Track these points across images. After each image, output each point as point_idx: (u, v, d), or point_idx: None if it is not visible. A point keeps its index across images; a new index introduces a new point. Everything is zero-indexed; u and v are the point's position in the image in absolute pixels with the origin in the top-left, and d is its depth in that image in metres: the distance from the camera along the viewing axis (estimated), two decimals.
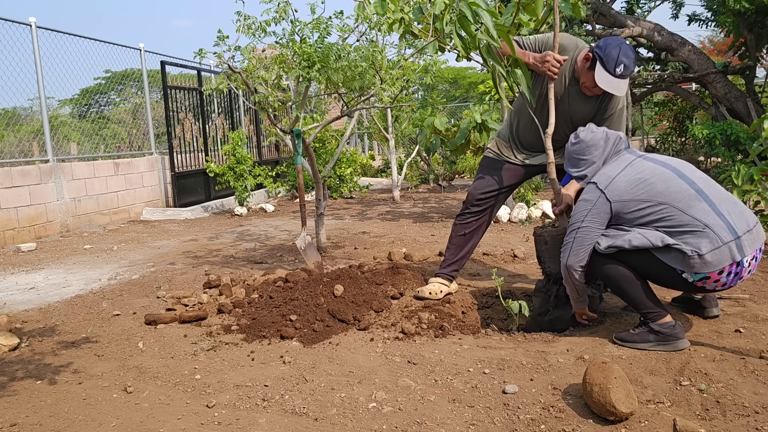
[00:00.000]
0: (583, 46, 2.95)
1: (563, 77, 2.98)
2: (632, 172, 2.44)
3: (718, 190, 2.37)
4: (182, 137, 8.87)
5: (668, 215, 2.30)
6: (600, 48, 2.75)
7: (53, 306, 3.66)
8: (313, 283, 3.31)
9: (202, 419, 2.03)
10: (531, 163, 3.22)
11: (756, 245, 2.28)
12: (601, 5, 10.27)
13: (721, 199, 2.32)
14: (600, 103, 2.96)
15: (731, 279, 2.28)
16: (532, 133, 3.12)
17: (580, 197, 2.56)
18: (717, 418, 1.84)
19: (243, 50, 3.98)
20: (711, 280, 2.27)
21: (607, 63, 2.72)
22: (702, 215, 2.26)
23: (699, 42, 20.90)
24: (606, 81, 2.75)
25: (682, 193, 2.32)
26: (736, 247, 2.23)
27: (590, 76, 2.81)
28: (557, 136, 3.06)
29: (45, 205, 6.66)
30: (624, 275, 2.40)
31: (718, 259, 2.22)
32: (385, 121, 9.50)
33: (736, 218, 2.27)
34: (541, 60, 2.90)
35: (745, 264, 2.27)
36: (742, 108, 9.56)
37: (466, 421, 1.92)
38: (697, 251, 2.22)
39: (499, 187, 3.25)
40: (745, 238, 2.25)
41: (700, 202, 2.29)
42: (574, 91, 2.97)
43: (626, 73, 2.74)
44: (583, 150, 2.58)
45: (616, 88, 2.77)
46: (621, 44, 2.74)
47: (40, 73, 6.86)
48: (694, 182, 2.36)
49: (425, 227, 6.21)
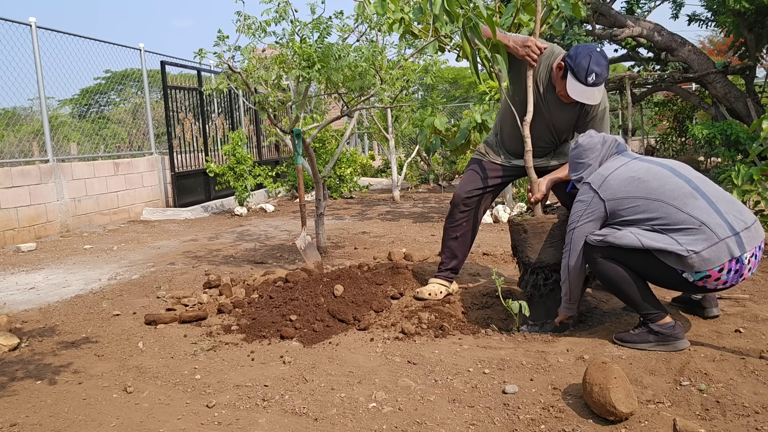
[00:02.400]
0: (559, 53, 2.92)
1: (540, 85, 2.96)
2: (626, 171, 2.46)
3: (714, 189, 2.37)
4: (182, 137, 8.87)
5: (664, 213, 2.30)
6: (571, 57, 2.73)
7: (53, 306, 3.66)
8: (313, 283, 3.31)
9: (202, 419, 2.03)
10: (516, 164, 3.23)
11: (755, 243, 2.28)
12: (601, 5, 10.27)
13: (718, 197, 2.32)
14: (580, 108, 2.95)
15: (732, 277, 2.27)
16: (516, 139, 3.12)
17: (576, 198, 2.57)
18: (717, 418, 1.84)
19: (243, 50, 3.99)
20: (712, 278, 2.26)
21: (578, 73, 2.70)
22: (698, 213, 2.26)
23: (699, 42, 20.90)
24: (579, 91, 2.72)
25: (678, 191, 2.32)
26: (734, 244, 2.22)
27: (564, 85, 2.79)
28: (541, 142, 3.08)
29: (45, 205, 6.66)
30: (623, 277, 2.40)
31: (716, 255, 2.21)
32: (385, 121, 9.50)
33: (733, 216, 2.27)
34: (522, 44, 2.86)
35: (744, 261, 2.26)
36: (742, 108, 9.57)
37: (466, 421, 1.92)
38: (693, 250, 2.22)
39: (484, 186, 3.26)
40: (743, 234, 2.24)
41: (697, 199, 2.29)
42: (552, 98, 2.96)
43: (599, 81, 2.72)
44: (581, 154, 2.62)
45: (589, 98, 2.74)
46: (592, 52, 2.71)
47: (40, 73, 6.86)
48: (690, 180, 2.36)
49: (425, 227, 6.21)
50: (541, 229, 2.78)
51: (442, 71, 18.94)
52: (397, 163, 10.07)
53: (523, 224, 2.83)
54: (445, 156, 11.03)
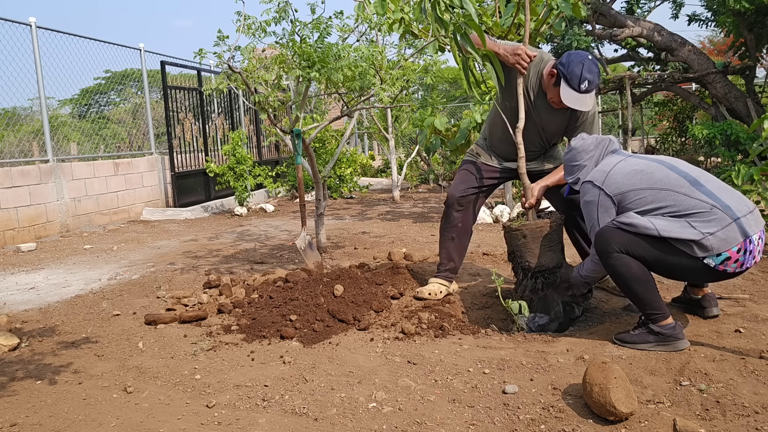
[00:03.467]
0: (548, 59, 2.96)
1: (530, 91, 3.00)
2: (626, 165, 2.48)
3: (713, 180, 2.42)
4: (182, 137, 8.87)
5: (672, 201, 2.32)
6: (563, 65, 2.77)
7: (53, 306, 3.66)
8: (313, 283, 3.31)
9: (202, 419, 2.03)
10: (508, 167, 3.26)
11: (759, 227, 2.33)
12: (601, 5, 10.27)
13: (717, 187, 2.37)
14: (570, 113, 2.99)
15: (747, 258, 2.30)
16: (506, 144, 3.15)
17: (583, 200, 2.57)
18: (717, 418, 1.84)
19: (243, 50, 3.98)
20: (732, 260, 2.27)
21: (571, 80, 2.75)
22: (706, 197, 2.30)
23: (699, 42, 20.90)
24: (572, 98, 2.78)
25: (681, 180, 2.36)
26: (746, 223, 2.26)
27: (556, 92, 2.83)
28: (532, 147, 3.11)
29: (45, 205, 6.66)
30: (634, 274, 2.37)
31: (732, 235, 2.24)
32: (385, 121, 9.50)
33: (735, 202, 2.31)
34: (512, 52, 2.89)
35: (755, 241, 2.30)
36: (742, 108, 9.56)
37: (466, 421, 1.92)
38: (708, 232, 2.24)
39: (478, 186, 3.28)
40: (748, 217, 2.29)
41: (701, 186, 2.34)
42: (543, 104, 3.00)
43: (591, 88, 2.77)
44: (575, 157, 2.64)
45: (582, 104, 2.80)
46: (584, 60, 2.75)
47: (40, 73, 6.86)
48: (688, 173, 2.40)
49: (425, 227, 6.21)
50: (539, 233, 2.79)
51: (442, 71, 18.94)
52: (397, 163, 10.07)
53: (522, 229, 2.84)
54: (445, 156, 11.03)
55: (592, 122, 3.01)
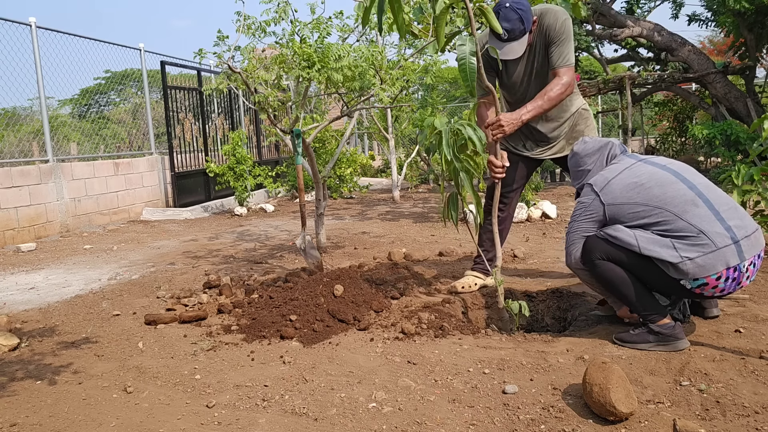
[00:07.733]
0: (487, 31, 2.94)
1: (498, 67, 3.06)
2: (629, 175, 2.45)
3: (718, 195, 2.37)
4: (182, 137, 8.87)
5: (664, 219, 2.31)
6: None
7: (53, 306, 3.66)
8: (313, 283, 3.31)
9: (202, 419, 2.03)
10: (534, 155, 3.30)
11: (754, 251, 2.28)
12: (601, 5, 10.27)
13: (720, 204, 2.32)
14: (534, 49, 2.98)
15: (729, 284, 2.28)
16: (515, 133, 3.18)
17: (579, 198, 2.58)
18: (717, 418, 1.84)
19: (243, 50, 3.99)
20: (709, 286, 2.27)
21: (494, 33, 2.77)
22: (697, 221, 2.26)
23: (699, 42, 20.91)
24: (501, 51, 2.78)
25: (679, 198, 2.32)
26: (733, 252, 2.23)
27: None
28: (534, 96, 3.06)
29: (45, 205, 6.66)
30: (621, 278, 2.40)
31: (711, 263, 2.22)
32: (385, 121, 9.50)
33: (734, 224, 2.28)
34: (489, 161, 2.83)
35: (743, 269, 2.27)
36: (742, 108, 9.57)
37: (466, 421, 1.92)
38: (687, 257, 2.23)
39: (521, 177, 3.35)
40: (743, 243, 2.25)
41: (697, 207, 2.29)
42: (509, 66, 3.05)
43: (513, 36, 2.74)
44: (578, 162, 2.65)
45: (508, 53, 2.79)
46: (500, 8, 2.73)
47: (40, 73, 6.86)
48: (694, 186, 2.36)
49: (425, 227, 6.21)
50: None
51: (442, 71, 18.93)
52: (397, 163, 10.07)
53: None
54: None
55: (564, 41, 2.90)
